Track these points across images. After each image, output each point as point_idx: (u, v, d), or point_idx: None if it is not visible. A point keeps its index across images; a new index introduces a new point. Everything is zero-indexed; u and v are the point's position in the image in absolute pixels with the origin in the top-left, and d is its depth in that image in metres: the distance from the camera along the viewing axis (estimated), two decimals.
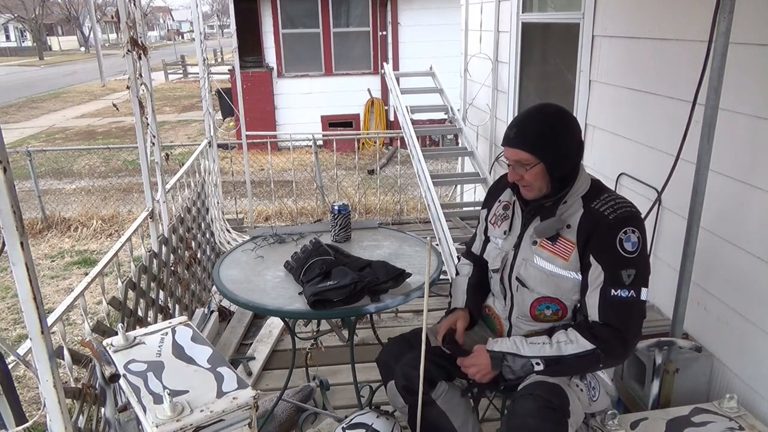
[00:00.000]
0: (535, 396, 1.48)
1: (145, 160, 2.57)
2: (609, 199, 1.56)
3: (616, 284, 1.48)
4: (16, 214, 1.05)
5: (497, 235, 1.75)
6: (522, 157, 1.54)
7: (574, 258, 1.55)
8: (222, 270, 2.06)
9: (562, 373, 1.55)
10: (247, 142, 5.30)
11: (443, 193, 6.25)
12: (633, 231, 1.49)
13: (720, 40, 1.75)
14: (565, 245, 1.56)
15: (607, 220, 1.50)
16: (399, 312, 3.34)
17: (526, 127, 1.56)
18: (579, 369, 1.56)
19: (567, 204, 1.58)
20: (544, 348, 1.53)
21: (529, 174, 1.55)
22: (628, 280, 1.48)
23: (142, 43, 2.42)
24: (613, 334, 1.49)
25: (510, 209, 1.74)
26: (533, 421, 1.43)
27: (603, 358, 1.51)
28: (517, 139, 1.55)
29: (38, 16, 39.23)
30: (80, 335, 3.86)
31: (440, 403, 1.71)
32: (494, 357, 1.58)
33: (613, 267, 1.49)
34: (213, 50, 25.01)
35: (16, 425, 1.38)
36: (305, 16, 10.74)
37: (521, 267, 1.65)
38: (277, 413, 2.35)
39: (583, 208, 1.56)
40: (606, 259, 1.50)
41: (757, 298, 1.96)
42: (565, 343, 1.51)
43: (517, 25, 4.13)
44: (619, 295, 1.48)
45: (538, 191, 1.58)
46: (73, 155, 10.20)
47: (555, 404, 1.46)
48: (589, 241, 1.52)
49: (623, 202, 1.55)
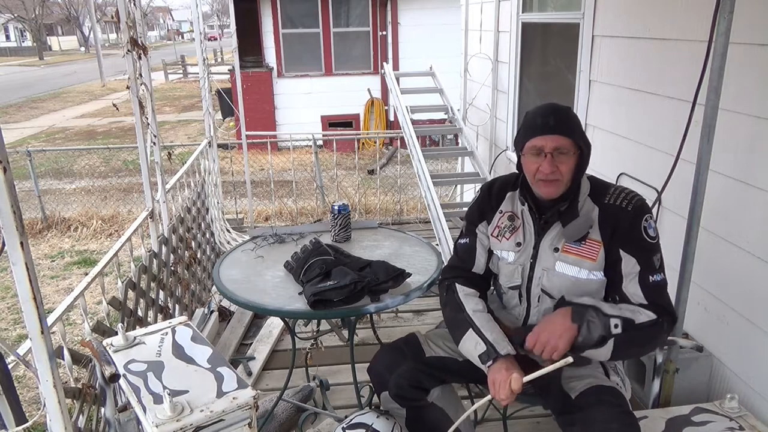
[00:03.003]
0: (604, 402, 1.45)
1: (145, 160, 2.57)
2: (617, 191, 1.56)
3: (652, 270, 1.51)
4: (16, 214, 1.05)
5: (507, 247, 1.65)
6: (563, 144, 1.48)
7: (601, 257, 1.53)
8: (222, 270, 2.06)
9: (634, 343, 1.47)
10: (247, 142, 5.30)
11: (443, 193, 6.25)
12: (651, 217, 1.54)
13: (720, 40, 1.75)
14: (592, 245, 1.54)
15: (627, 212, 1.52)
16: (399, 312, 3.34)
17: (561, 115, 1.52)
18: (649, 338, 1.49)
19: (582, 205, 1.56)
20: (621, 310, 1.46)
21: (565, 164, 1.49)
22: (658, 264, 1.53)
23: (142, 43, 2.42)
24: (663, 310, 1.49)
25: (518, 220, 1.65)
26: (617, 426, 1.40)
27: (666, 328, 1.49)
28: (559, 126, 1.49)
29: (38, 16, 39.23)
30: (80, 335, 3.86)
31: (436, 401, 1.69)
32: (577, 311, 1.45)
33: (646, 256, 1.51)
34: (213, 50, 25.01)
35: (16, 425, 1.38)
36: (305, 16, 10.74)
37: (543, 277, 1.59)
38: (277, 413, 2.35)
39: (597, 206, 1.56)
40: (637, 250, 1.51)
41: (757, 298, 1.95)
42: (634, 311, 1.47)
43: (517, 25, 4.12)
44: (656, 280, 1.51)
45: (563, 188, 1.53)
46: (73, 155, 10.20)
47: (625, 408, 1.45)
48: (614, 235, 1.52)
49: (632, 192, 1.57)
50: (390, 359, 1.72)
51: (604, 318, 1.43)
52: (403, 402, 1.68)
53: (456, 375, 1.73)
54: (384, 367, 1.71)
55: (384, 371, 1.70)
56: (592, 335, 1.42)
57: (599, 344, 1.43)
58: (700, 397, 2.14)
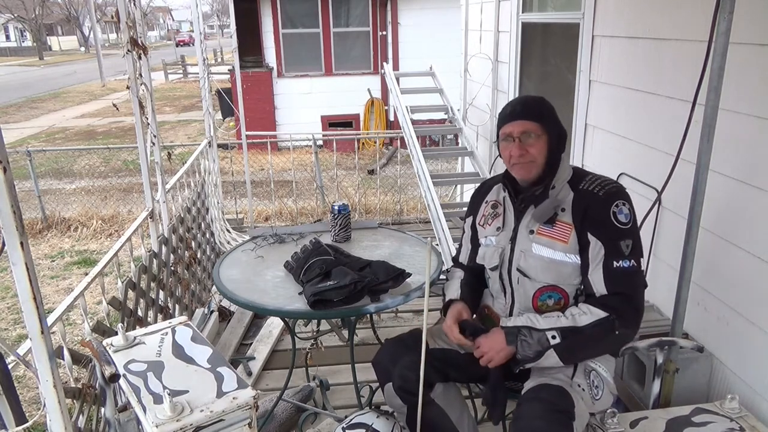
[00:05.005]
0: (540, 399, 1.48)
1: (145, 160, 2.57)
2: (594, 178, 1.62)
3: (617, 255, 1.52)
4: (16, 214, 1.05)
5: (489, 233, 1.76)
6: (530, 128, 1.59)
7: (573, 240, 1.57)
8: (222, 270, 2.06)
9: (579, 347, 1.54)
10: (247, 142, 5.30)
11: (443, 193, 6.24)
12: (624, 203, 1.55)
13: (720, 40, 1.75)
14: (563, 228, 1.59)
15: (598, 197, 1.56)
16: (399, 312, 3.34)
17: (529, 102, 1.65)
18: (595, 339, 1.53)
19: (556, 189, 1.62)
20: (559, 320, 1.53)
21: (534, 147, 1.59)
22: (627, 250, 1.53)
23: (142, 43, 2.42)
24: (624, 301, 1.51)
25: (500, 206, 1.76)
26: (540, 423, 1.43)
27: (618, 326, 1.51)
28: (525, 111, 1.61)
29: (38, 16, 39.24)
30: (80, 335, 3.86)
31: (438, 400, 1.72)
32: (509, 333, 1.56)
33: (612, 239, 1.53)
34: (213, 50, 25.02)
35: (16, 425, 1.38)
36: (305, 16, 10.75)
37: (521, 259, 1.65)
38: (277, 413, 2.35)
39: (572, 191, 1.61)
40: (603, 233, 1.54)
41: (757, 298, 1.95)
42: (579, 315, 1.52)
43: (517, 25, 4.12)
44: (621, 266, 1.52)
45: (537, 169, 1.61)
46: (73, 155, 10.20)
47: (561, 407, 1.46)
48: (585, 220, 1.56)
49: (609, 180, 1.62)
50: (394, 351, 1.76)
51: (538, 333, 1.53)
52: (406, 396, 1.69)
53: (458, 369, 1.76)
54: (388, 359, 1.75)
55: (388, 363, 1.74)
56: (528, 352, 1.54)
57: (538, 356, 1.53)
58: (700, 397, 2.14)
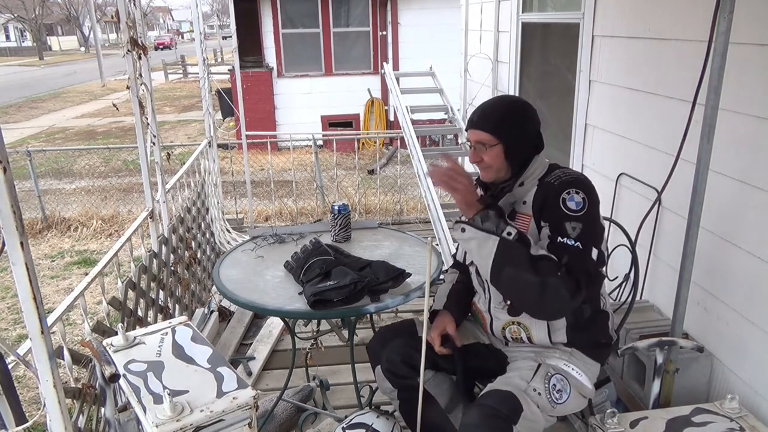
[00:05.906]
0: (482, 405, 1.51)
1: (145, 160, 2.57)
2: (559, 172, 1.63)
3: (562, 233, 1.50)
4: (16, 214, 1.05)
5: None
6: (482, 138, 1.62)
7: (532, 229, 1.59)
8: (222, 270, 2.06)
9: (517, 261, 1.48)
10: (247, 142, 5.30)
11: (443, 193, 6.24)
12: (577, 192, 1.53)
13: (720, 40, 1.75)
14: (523, 219, 1.62)
15: (552, 186, 1.58)
16: (399, 312, 3.34)
17: (488, 111, 1.67)
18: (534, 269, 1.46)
19: (524, 186, 1.64)
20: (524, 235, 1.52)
21: (488, 155, 1.63)
22: (573, 232, 1.50)
23: (142, 43, 2.42)
24: (566, 269, 1.46)
25: None
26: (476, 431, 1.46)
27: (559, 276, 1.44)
28: (479, 121, 1.64)
29: (38, 16, 39.25)
30: (80, 335, 3.86)
31: (428, 387, 1.76)
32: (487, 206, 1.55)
33: (557, 221, 1.52)
34: (213, 50, 25.02)
35: (16, 425, 1.38)
36: (305, 16, 10.75)
37: None
38: (277, 413, 2.35)
39: (537, 185, 1.63)
40: (550, 216, 1.55)
41: (757, 298, 1.95)
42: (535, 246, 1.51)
43: (517, 25, 4.12)
44: (565, 242, 1.50)
45: (496, 173, 1.65)
46: (73, 155, 10.20)
47: (502, 413, 1.47)
48: (541, 209, 1.58)
49: (571, 172, 1.63)
50: (385, 335, 1.89)
51: (503, 222, 1.52)
52: (395, 380, 1.77)
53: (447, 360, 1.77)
54: (379, 343, 1.87)
55: (378, 346, 1.86)
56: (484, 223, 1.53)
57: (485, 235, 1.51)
58: (700, 397, 2.14)
